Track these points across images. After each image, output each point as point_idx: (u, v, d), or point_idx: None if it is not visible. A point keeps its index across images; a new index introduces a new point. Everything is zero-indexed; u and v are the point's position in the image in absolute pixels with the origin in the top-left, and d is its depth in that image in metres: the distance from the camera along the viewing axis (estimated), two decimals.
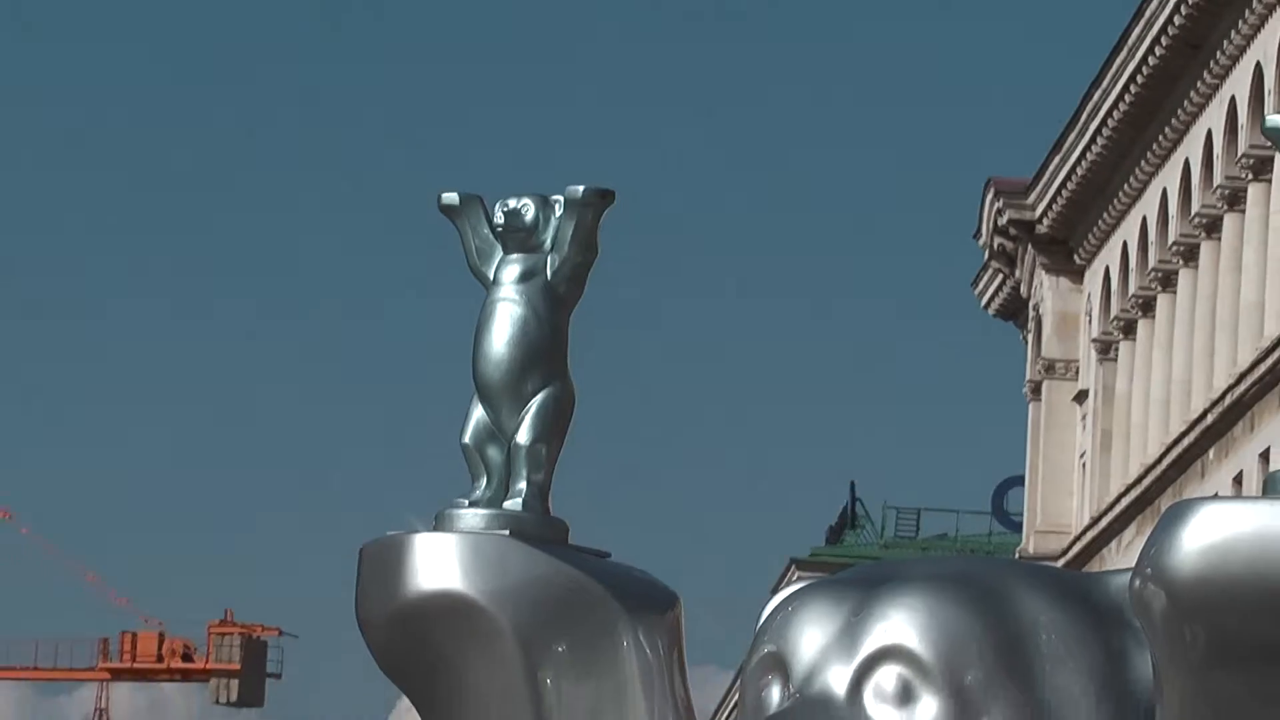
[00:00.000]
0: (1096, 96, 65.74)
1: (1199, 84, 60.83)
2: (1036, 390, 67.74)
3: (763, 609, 3.92)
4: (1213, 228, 59.11)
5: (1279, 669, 3.21)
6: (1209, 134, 58.06)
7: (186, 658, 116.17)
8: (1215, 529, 3.92)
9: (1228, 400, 54.02)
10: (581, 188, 4.66)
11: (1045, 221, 65.22)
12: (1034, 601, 3.66)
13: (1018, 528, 71.88)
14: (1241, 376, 54.44)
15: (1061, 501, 67.23)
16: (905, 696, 3.63)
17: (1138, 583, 3.28)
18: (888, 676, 3.64)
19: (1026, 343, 72.39)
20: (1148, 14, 60.72)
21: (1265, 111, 57.30)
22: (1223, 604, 3.86)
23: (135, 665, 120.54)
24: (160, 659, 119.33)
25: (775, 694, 3.63)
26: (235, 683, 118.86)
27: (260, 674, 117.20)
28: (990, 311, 72.15)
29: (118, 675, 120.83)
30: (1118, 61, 63.77)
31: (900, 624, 3.57)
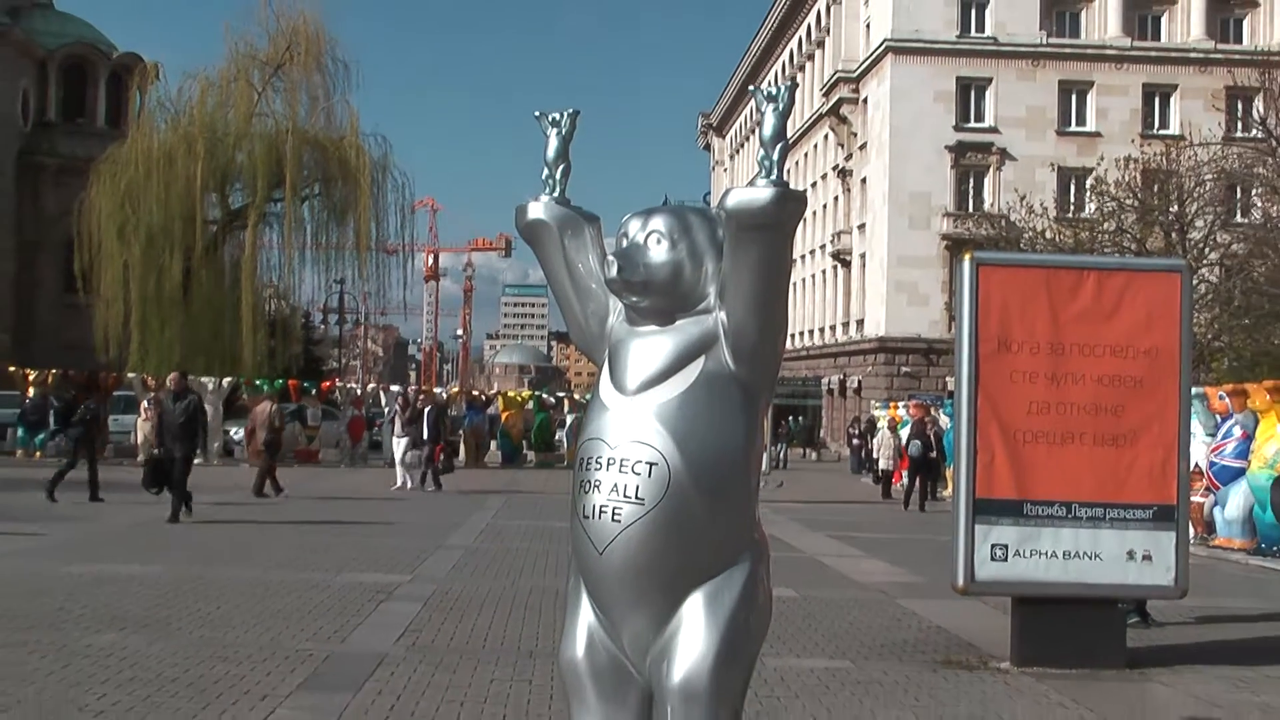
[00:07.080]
0: (747, 55, 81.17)
1: (789, 33, 70.50)
2: (712, 170, 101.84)
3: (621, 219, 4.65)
4: None
5: (759, 232, 3.91)
6: (776, 73, 55.26)
7: (487, 245, 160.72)
8: (740, 193, 4.35)
9: None
10: (571, 109, 4.43)
11: (714, 122, 63.63)
12: (693, 213, 5.41)
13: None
14: None
15: None
16: (658, 241, 4.72)
17: (715, 208, 4.12)
18: (654, 236, 4.94)
19: (710, 157, 71.91)
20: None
21: (805, 50, 67.85)
22: (741, 212, 4.23)
23: (478, 248, 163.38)
24: (481, 245, 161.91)
25: (624, 245, 4.34)
26: (502, 253, 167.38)
27: (508, 250, 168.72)
28: (702, 149, 73.60)
29: (472, 251, 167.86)
30: (758, 34, 78.06)
31: (656, 220, 4.70)
